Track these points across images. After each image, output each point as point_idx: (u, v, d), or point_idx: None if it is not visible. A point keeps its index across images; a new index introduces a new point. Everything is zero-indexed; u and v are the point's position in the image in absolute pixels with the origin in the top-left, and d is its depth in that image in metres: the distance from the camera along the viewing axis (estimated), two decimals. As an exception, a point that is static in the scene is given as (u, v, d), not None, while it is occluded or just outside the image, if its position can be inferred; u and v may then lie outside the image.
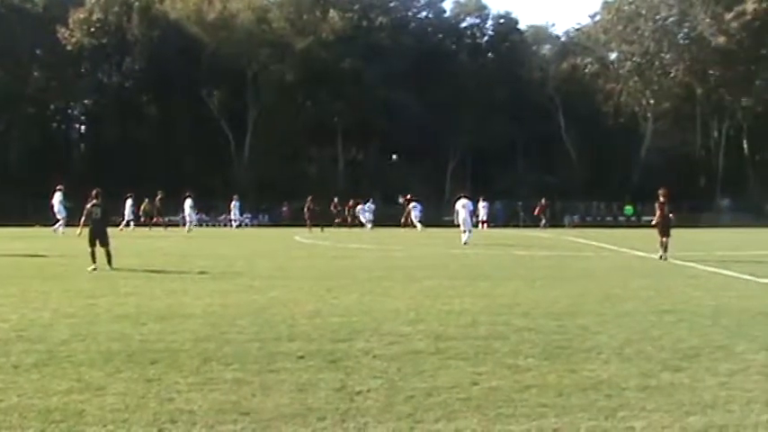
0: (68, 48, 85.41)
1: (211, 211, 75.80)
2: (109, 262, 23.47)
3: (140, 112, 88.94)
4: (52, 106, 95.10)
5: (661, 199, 30.58)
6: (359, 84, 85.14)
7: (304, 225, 58.38)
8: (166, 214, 67.18)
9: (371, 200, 68.03)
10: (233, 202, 66.38)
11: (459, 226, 40.22)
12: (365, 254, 32.50)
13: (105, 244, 23.96)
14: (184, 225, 60.94)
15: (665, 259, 28.45)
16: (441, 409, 7.88)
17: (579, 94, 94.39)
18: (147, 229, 58.53)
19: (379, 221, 65.02)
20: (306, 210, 61.51)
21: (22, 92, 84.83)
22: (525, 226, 73.27)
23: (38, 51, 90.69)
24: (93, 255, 23.55)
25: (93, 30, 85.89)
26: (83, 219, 24.76)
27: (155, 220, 63.72)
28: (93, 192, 24.95)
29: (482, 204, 67.60)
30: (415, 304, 15.47)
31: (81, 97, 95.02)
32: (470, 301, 15.94)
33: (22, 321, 13.25)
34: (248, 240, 45.05)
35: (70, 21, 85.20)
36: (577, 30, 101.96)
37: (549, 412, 7.83)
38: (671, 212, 30.38)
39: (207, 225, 71.57)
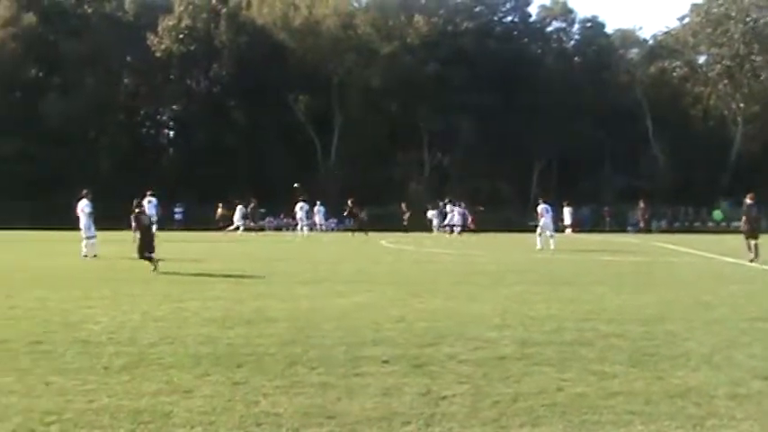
0: (158, 54, 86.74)
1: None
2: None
3: (228, 117, 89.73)
4: (142, 112, 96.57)
5: (748, 201, 30.13)
6: (444, 88, 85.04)
7: (387, 230, 58.24)
8: (257, 220, 68.04)
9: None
10: (316, 207, 66.11)
11: (538, 232, 40.01)
12: (449, 258, 32.44)
13: (151, 251, 24.41)
14: (299, 229, 60.89)
15: (755, 261, 27.99)
16: (526, 415, 7.85)
17: (667, 98, 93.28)
18: (221, 233, 58.69)
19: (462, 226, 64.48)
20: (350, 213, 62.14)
21: (113, 99, 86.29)
22: (611, 231, 72.53)
23: (128, 58, 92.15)
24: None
25: (181, 36, 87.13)
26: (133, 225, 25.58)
27: (245, 224, 64.42)
28: (136, 201, 26.51)
29: (567, 209, 67.05)
30: (500, 309, 15.40)
31: (170, 103, 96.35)
32: (556, 307, 15.83)
33: (113, 324, 13.46)
34: (333, 245, 45.23)
35: (159, 28, 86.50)
36: (665, 33, 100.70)
37: (636, 420, 7.75)
38: (758, 216, 29.91)
39: (290, 229, 71.88)
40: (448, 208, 64.76)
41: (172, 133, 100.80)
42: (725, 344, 11.92)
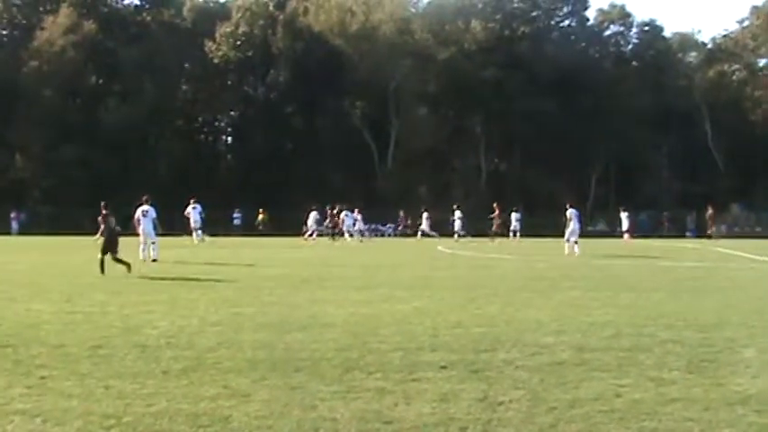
0: (215, 61, 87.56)
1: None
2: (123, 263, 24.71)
3: (285, 123, 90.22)
4: (200, 119, 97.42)
5: None
6: (501, 93, 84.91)
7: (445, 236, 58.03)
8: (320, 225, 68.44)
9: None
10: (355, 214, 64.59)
11: (566, 237, 39.60)
12: (506, 264, 32.37)
13: (115, 252, 24.92)
14: (350, 235, 61.00)
15: None
16: (583, 421, 7.81)
17: (726, 102, 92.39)
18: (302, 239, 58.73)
19: (523, 231, 63.90)
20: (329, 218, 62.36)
21: (171, 105, 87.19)
22: (670, 236, 71.94)
23: (186, 65, 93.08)
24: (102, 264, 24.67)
25: (238, 43, 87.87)
26: (101, 229, 25.75)
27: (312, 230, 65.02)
28: (103, 203, 26.11)
29: (624, 215, 66.69)
30: (557, 315, 15.34)
31: (227, 109, 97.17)
32: (614, 313, 15.73)
33: (171, 328, 13.58)
34: (390, 250, 45.29)
35: (217, 35, 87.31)
36: (725, 36, 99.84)
37: (695, 427, 7.68)
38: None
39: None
40: (457, 214, 63.67)
41: (229, 139, 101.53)
42: (786, 350, 11.78)
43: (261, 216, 73.54)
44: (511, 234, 62.34)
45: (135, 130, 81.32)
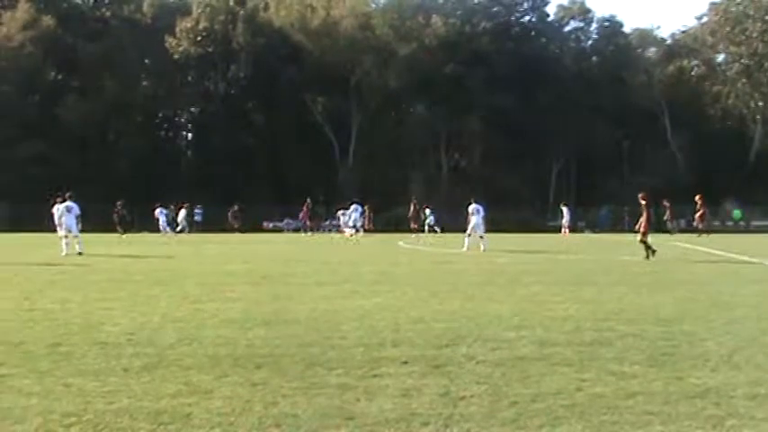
0: (175, 56, 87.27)
1: (315, 218, 75.95)
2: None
3: (246, 118, 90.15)
4: (160, 115, 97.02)
5: None
6: (462, 89, 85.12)
7: (405, 231, 57.95)
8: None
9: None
10: (353, 206, 64.58)
11: (468, 232, 39.15)
12: (468, 259, 32.42)
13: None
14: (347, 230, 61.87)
15: None
16: (545, 416, 7.83)
17: (685, 97, 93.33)
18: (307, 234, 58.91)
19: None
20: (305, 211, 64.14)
21: (131, 101, 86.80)
22: (630, 231, 72.32)
23: (146, 61, 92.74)
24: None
25: (199, 38, 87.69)
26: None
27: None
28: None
29: (564, 209, 67.06)
30: (518, 310, 15.37)
31: (188, 105, 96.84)
32: (575, 307, 15.79)
33: (132, 325, 13.50)
34: (351, 246, 45.27)
35: (177, 30, 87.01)
36: (683, 32, 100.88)
37: (655, 420, 7.72)
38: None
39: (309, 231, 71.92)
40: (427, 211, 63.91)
41: (190, 135, 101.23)
42: (744, 344, 11.85)
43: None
44: (426, 228, 62.05)
45: (95, 127, 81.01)
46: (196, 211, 74.26)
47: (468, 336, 12.37)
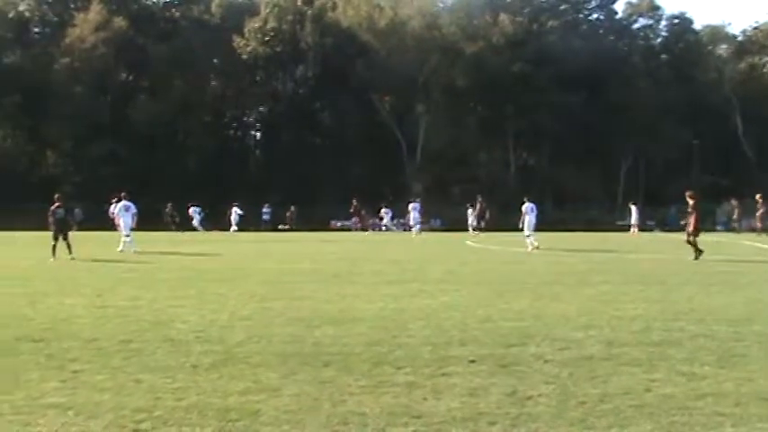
0: (244, 57, 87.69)
1: (363, 217, 75.96)
2: (69, 252, 29.74)
3: (313, 118, 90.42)
4: (228, 114, 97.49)
5: None
6: (529, 87, 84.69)
7: (475, 230, 57.64)
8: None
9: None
10: (411, 205, 64.66)
11: (526, 233, 39.06)
12: (535, 258, 32.26)
13: (66, 238, 30.23)
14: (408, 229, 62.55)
15: None
16: (613, 416, 7.78)
17: (758, 95, 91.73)
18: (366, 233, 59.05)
19: (551, 226, 63.41)
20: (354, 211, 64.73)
21: (200, 101, 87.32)
22: (700, 230, 71.29)
23: (215, 61, 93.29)
24: (54, 248, 29.74)
25: (267, 38, 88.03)
26: (50, 219, 31.24)
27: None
28: (56, 196, 31.94)
29: (633, 208, 66.16)
30: (586, 309, 15.30)
31: (256, 105, 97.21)
32: (643, 307, 15.66)
33: (201, 322, 13.64)
34: (418, 245, 45.23)
35: (245, 30, 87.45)
36: (755, 28, 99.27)
37: (726, 422, 7.63)
38: None
39: (377, 230, 71.96)
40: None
41: (258, 135, 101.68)
42: (817, 344, 11.70)
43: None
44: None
45: (164, 126, 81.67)
46: (264, 210, 74.63)
47: (536, 335, 12.33)
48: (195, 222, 65.15)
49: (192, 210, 66.03)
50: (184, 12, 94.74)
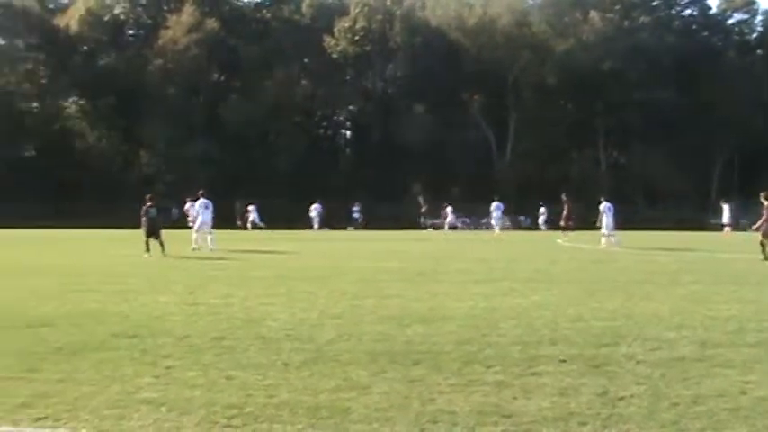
0: (334, 56, 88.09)
1: (473, 215, 75.80)
2: (162, 250, 30.90)
3: (403, 117, 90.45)
4: (319, 113, 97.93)
5: None
6: (620, 84, 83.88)
7: (565, 229, 57.13)
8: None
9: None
10: (494, 204, 64.56)
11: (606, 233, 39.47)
12: (626, 257, 31.96)
13: (158, 236, 31.30)
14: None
15: None
16: (706, 418, 7.68)
17: None
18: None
19: (641, 225, 62.75)
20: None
21: (291, 101, 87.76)
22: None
23: (305, 60, 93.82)
24: (147, 244, 31.10)
25: (357, 38, 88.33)
26: (142, 218, 32.34)
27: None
28: (148, 196, 33.15)
29: (725, 207, 64.80)
30: (678, 309, 15.11)
31: (346, 104, 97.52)
32: (737, 307, 15.43)
33: (292, 320, 13.74)
34: (508, 244, 45.07)
35: (335, 30, 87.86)
36: None
37: (824, 425, 7.51)
38: None
39: (470, 228, 71.81)
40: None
41: (348, 134, 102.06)
42: None
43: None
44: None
45: (255, 126, 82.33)
46: (354, 208, 74.91)
47: (628, 335, 12.22)
48: (256, 220, 66.16)
49: (250, 208, 67.06)
50: (275, 12, 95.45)
